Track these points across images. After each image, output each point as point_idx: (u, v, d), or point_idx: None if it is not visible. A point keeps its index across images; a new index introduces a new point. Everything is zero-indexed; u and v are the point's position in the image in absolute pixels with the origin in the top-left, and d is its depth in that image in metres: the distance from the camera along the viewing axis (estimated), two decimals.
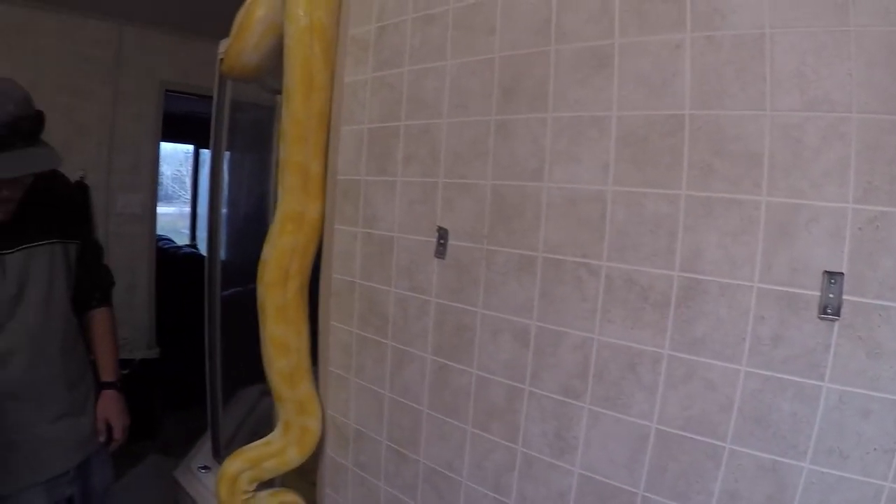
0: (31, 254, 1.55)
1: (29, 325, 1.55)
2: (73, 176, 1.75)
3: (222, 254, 2.35)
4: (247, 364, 2.40)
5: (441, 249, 1.09)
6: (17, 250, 1.51)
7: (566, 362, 0.93)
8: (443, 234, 1.09)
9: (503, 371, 1.02)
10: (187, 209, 6.59)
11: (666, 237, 0.85)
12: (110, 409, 1.80)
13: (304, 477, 1.95)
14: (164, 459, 3.55)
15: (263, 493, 1.50)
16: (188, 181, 6.77)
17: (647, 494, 0.90)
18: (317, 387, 1.47)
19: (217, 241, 2.29)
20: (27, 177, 1.46)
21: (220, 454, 2.41)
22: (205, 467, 2.44)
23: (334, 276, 1.38)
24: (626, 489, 0.91)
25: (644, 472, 0.90)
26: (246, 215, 2.36)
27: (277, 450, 1.46)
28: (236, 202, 2.34)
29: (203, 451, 2.56)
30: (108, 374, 1.83)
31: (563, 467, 0.97)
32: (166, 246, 4.83)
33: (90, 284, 1.78)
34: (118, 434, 1.80)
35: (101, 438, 1.78)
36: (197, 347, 3.23)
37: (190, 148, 6.37)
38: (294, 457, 1.45)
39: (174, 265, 4.36)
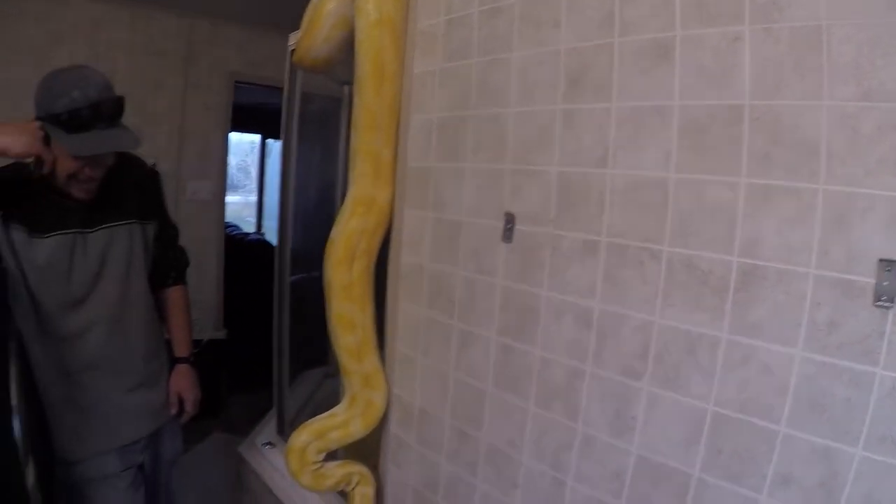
0: (112, 233, 1.68)
1: (108, 301, 1.68)
2: (146, 163, 1.88)
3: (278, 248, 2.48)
4: (310, 347, 2.53)
5: (508, 233, 1.17)
6: (99, 229, 1.64)
7: (627, 344, 1.00)
8: (510, 219, 1.17)
9: (566, 351, 1.09)
10: (252, 198, 6.80)
11: (725, 223, 0.90)
12: (183, 382, 1.94)
13: (365, 461, 2.06)
14: (228, 437, 3.73)
15: (332, 464, 1.61)
16: (253, 171, 6.97)
17: (702, 476, 0.94)
18: (382, 363, 1.56)
19: (287, 227, 2.43)
20: (109, 157, 1.59)
21: (284, 432, 2.54)
22: (269, 444, 2.58)
23: (403, 260, 1.47)
24: (681, 470, 0.96)
25: (699, 453, 0.94)
26: (312, 204, 2.48)
27: (342, 421, 1.57)
28: (303, 191, 2.46)
29: (267, 428, 2.69)
30: (181, 350, 1.97)
31: (621, 447, 1.03)
32: (234, 233, 5.05)
33: (167, 263, 1.91)
34: (190, 407, 1.94)
35: (174, 411, 1.91)
36: (262, 330, 3.40)
37: (255, 138, 6.57)
38: (358, 429, 1.56)
39: (242, 251, 4.59)
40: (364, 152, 1.48)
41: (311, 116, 2.39)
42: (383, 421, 1.63)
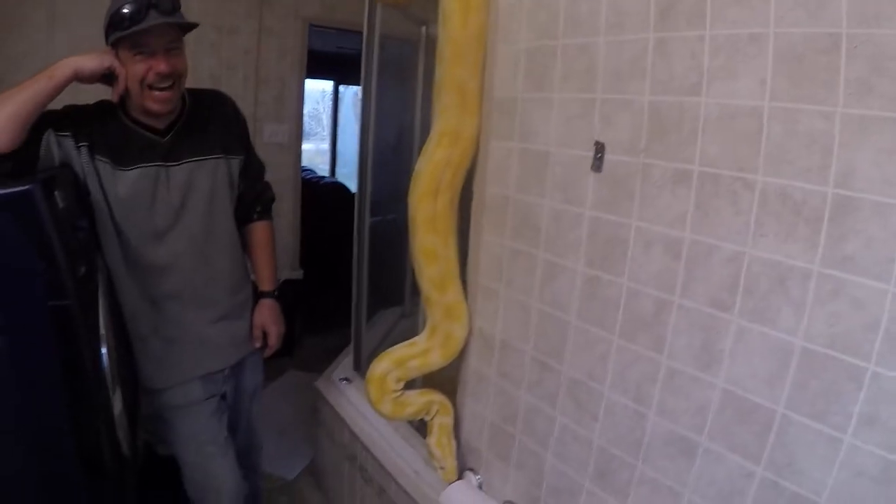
0: (196, 167, 1.75)
1: (192, 234, 1.77)
2: (230, 99, 1.95)
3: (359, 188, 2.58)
4: (385, 287, 2.63)
5: (597, 163, 1.20)
6: (183, 163, 1.72)
7: (717, 275, 1.02)
8: (600, 149, 1.20)
9: (653, 282, 1.13)
10: (324, 146, 6.93)
11: (820, 153, 0.91)
12: (267, 316, 2.03)
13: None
14: (302, 375, 3.91)
15: (412, 393, 1.70)
16: (325, 119, 7.07)
17: (786, 412, 0.96)
18: (465, 296, 1.63)
19: (367, 170, 2.52)
20: (179, 60, 1.65)
21: (361, 368, 2.66)
22: (346, 379, 2.70)
23: (488, 191, 1.52)
24: (765, 406, 0.98)
25: (785, 389, 0.96)
26: (388, 150, 2.55)
27: (421, 350, 1.65)
28: (380, 136, 2.53)
29: (343, 364, 2.82)
30: (266, 284, 2.06)
31: (706, 380, 1.06)
32: (309, 177, 5.21)
33: (252, 198, 1.99)
34: (273, 341, 2.04)
35: (257, 344, 2.02)
36: (337, 272, 3.52)
37: (327, 86, 6.66)
38: (437, 359, 1.64)
39: (317, 194, 4.74)
40: (449, 84, 1.52)
41: (388, 60, 2.45)
42: (462, 354, 1.70)
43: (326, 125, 7.13)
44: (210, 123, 1.82)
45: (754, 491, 1.01)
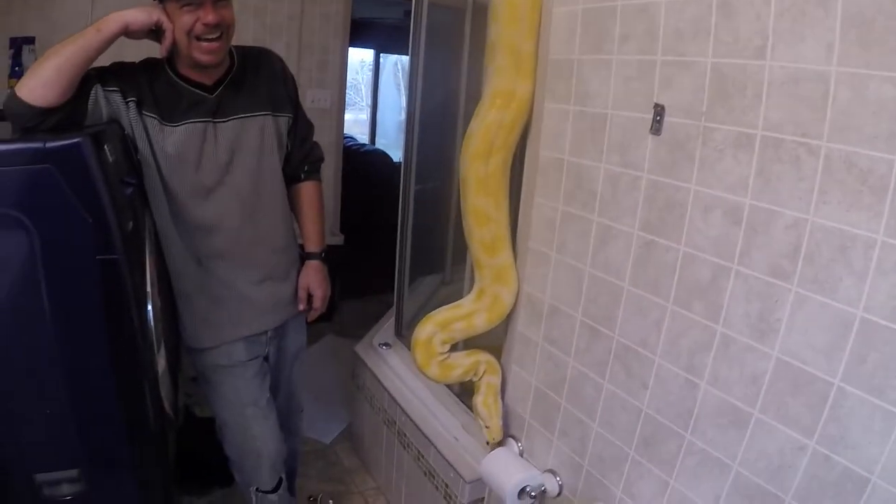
0: (244, 124, 1.79)
1: (239, 192, 1.81)
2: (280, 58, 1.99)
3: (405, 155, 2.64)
4: (426, 254, 2.68)
5: (657, 126, 1.22)
6: (230, 119, 1.76)
7: (777, 242, 1.04)
8: (659, 111, 1.22)
9: (711, 248, 1.15)
10: (362, 116, 7.02)
11: (889, 121, 0.91)
12: (313, 278, 2.07)
13: None
14: (341, 340, 4.00)
15: (458, 354, 1.75)
16: (364, 88, 7.16)
17: (842, 385, 0.98)
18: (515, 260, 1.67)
19: (413, 137, 2.58)
20: (226, 11, 1.67)
21: (402, 333, 2.72)
22: (386, 344, 2.77)
23: (542, 154, 1.55)
24: (822, 377, 1.00)
25: (843, 361, 0.98)
26: (433, 119, 2.58)
27: (467, 313, 1.71)
28: (425, 105, 2.57)
29: (383, 330, 2.88)
30: (312, 245, 2.10)
31: (762, 350, 1.08)
32: (350, 144, 5.31)
33: (300, 157, 2.02)
34: (318, 303, 2.08)
35: (302, 306, 2.06)
36: (376, 238, 3.59)
37: (366, 58, 6.75)
38: (482, 323, 1.70)
39: (358, 161, 4.84)
40: (503, 45, 1.55)
41: (434, 28, 2.48)
42: (509, 319, 1.74)
43: (365, 95, 7.20)
44: (259, 80, 1.86)
45: (805, 465, 1.04)
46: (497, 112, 1.56)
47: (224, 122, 1.77)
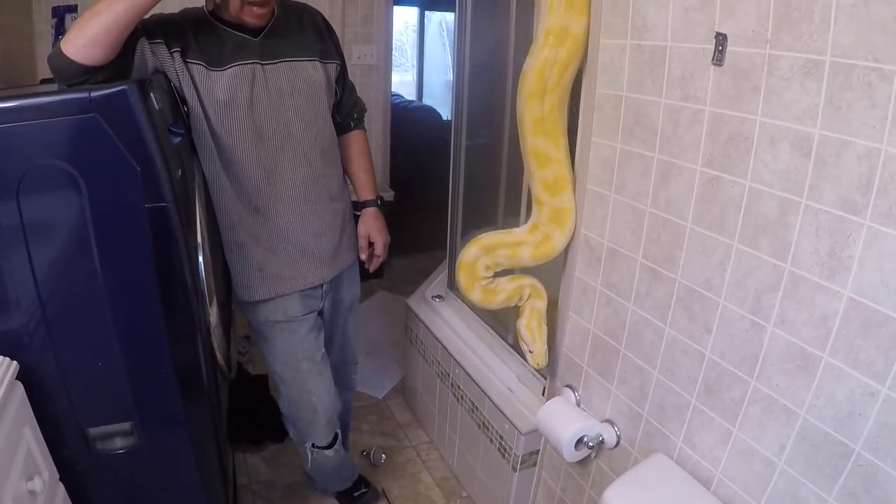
0: (293, 67, 1.83)
1: (293, 134, 1.85)
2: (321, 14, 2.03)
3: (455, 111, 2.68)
4: (476, 209, 2.72)
5: (719, 56, 1.21)
6: (280, 62, 1.80)
7: (848, 174, 1.03)
8: (721, 41, 1.21)
9: (779, 183, 1.14)
10: (408, 77, 7.12)
11: None
12: (372, 225, 2.14)
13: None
14: (392, 296, 4.07)
15: (502, 279, 1.81)
16: (408, 49, 7.23)
17: None
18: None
19: (463, 93, 2.64)
20: None
21: (454, 285, 2.76)
22: (439, 297, 2.81)
23: (598, 91, 1.55)
24: (895, 318, 0.99)
25: None
26: (480, 74, 2.60)
27: (515, 241, 1.75)
28: (471, 60, 2.59)
29: (436, 283, 2.93)
30: (367, 193, 2.16)
31: (832, 289, 1.08)
32: (398, 101, 5.38)
33: (350, 105, 2.08)
34: (380, 250, 2.15)
35: (364, 255, 2.13)
36: (426, 194, 3.63)
37: (410, 19, 6.77)
38: (526, 256, 1.73)
39: (406, 118, 4.92)
40: None
41: None
42: (566, 265, 1.76)
43: (410, 56, 7.28)
44: (303, 30, 1.90)
45: (876, 412, 1.03)
46: (550, 50, 1.55)
47: (272, 63, 1.81)
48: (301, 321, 2.04)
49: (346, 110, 2.10)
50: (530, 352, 1.80)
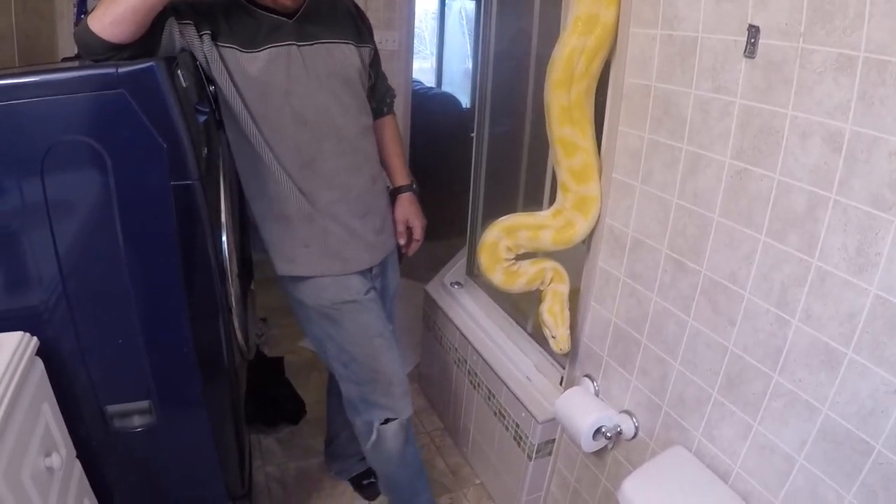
0: (329, 49, 1.82)
1: (333, 116, 1.84)
2: None
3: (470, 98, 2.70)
4: (497, 195, 2.73)
5: (751, 48, 1.22)
6: (316, 43, 1.80)
7: (879, 170, 1.03)
8: (753, 33, 1.21)
9: (808, 177, 1.15)
10: (427, 64, 7.18)
11: None
12: (409, 210, 2.17)
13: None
14: (410, 283, 4.09)
15: (524, 262, 1.84)
16: (427, 37, 7.29)
17: None
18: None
19: (488, 80, 2.66)
20: None
21: (474, 272, 2.79)
22: (457, 283, 2.83)
23: (627, 81, 1.56)
24: None
25: None
26: (500, 62, 2.61)
27: (536, 224, 1.77)
28: (495, 48, 2.60)
29: (455, 269, 2.95)
30: (401, 178, 2.21)
31: (859, 286, 1.09)
32: (418, 87, 5.43)
33: (383, 91, 2.13)
34: (419, 234, 2.18)
35: (402, 240, 2.15)
36: (445, 181, 3.65)
37: (429, 7, 6.82)
38: (547, 240, 1.75)
39: (426, 105, 5.02)
40: None
41: None
42: (589, 253, 1.78)
43: (429, 43, 7.32)
44: (336, 14, 1.89)
45: None
46: (578, 37, 1.56)
47: (309, 45, 1.80)
48: (366, 298, 2.02)
49: (379, 95, 2.10)
50: (553, 337, 1.82)
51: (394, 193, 2.18)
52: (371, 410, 2.10)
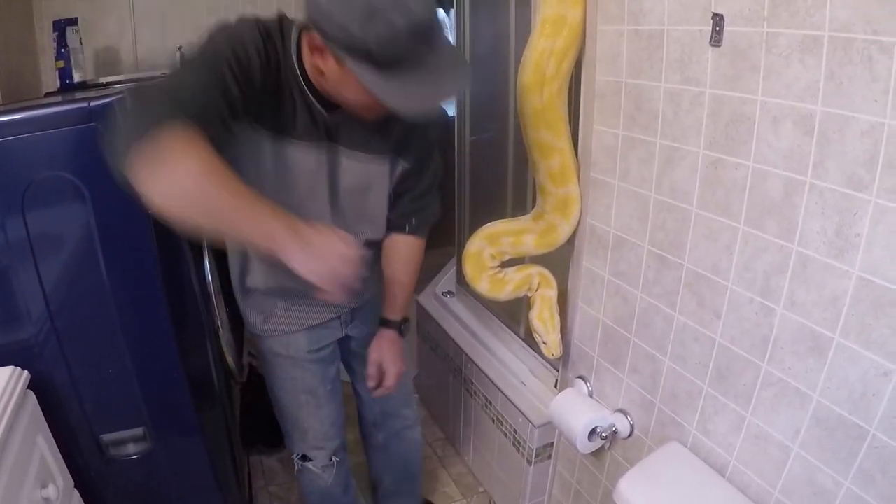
0: (360, 162, 1.57)
1: (336, 216, 1.61)
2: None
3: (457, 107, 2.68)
4: (485, 202, 2.71)
5: (717, 37, 1.19)
6: (342, 149, 1.54)
7: (852, 150, 1.01)
8: (718, 21, 1.19)
9: (783, 162, 1.12)
10: None
11: None
12: (387, 351, 1.84)
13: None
14: None
15: (510, 269, 1.81)
16: None
17: None
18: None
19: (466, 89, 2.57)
20: None
21: (464, 282, 2.75)
22: (449, 292, 2.80)
23: (598, 78, 1.54)
24: None
25: None
26: (482, 68, 2.59)
27: (518, 229, 1.75)
28: (473, 55, 2.59)
29: (446, 279, 2.92)
30: (394, 312, 1.85)
31: (840, 268, 1.06)
32: None
33: (412, 210, 1.76)
34: (392, 381, 1.85)
35: (371, 383, 1.86)
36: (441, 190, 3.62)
37: None
38: (530, 244, 1.73)
39: None
40: None
41: None
42: (574, 255, 1.75)
43: None
44: (391, 117, 1.44)
45: (890, 392, 1.02)
46: (547, 39, 1.55)
47: (335, 147, 1.53)
48: (311, 358, 1.83)
49: (404, 211, 1.75)
50: (544, 343, 1.79)
51: (379, 324, 1.86)
52: (293, 443, 1.99)
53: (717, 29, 1.19)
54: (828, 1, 1.00)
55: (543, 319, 1.78)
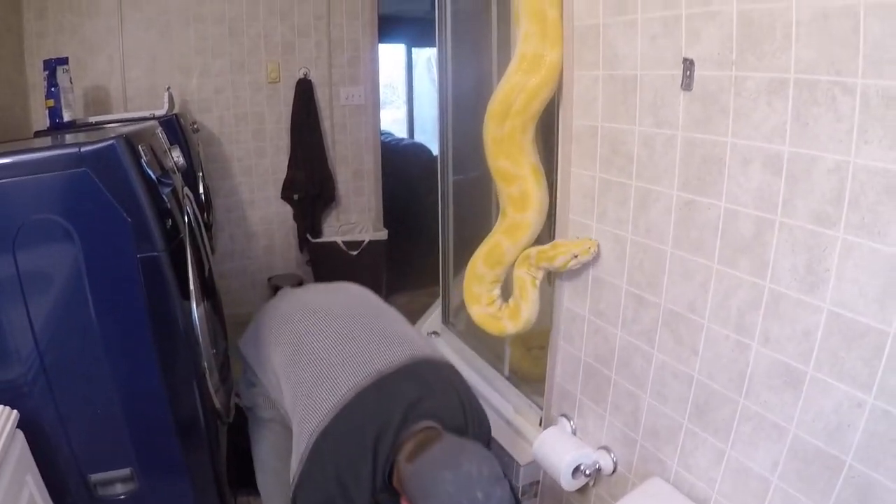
0: None
1: None
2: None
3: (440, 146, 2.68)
4: (470, 243, 2.72)
5: (688, 81, 1.22)
6: None
7: (820, 188, 1.02)
8: (689, 66, 1.21)
9: (753, 202, 1.14)
10: (400, 114, 7.26)
11: None
12: None
13: (525, 343, 2.21)
14: None
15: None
16: (399, 87, 7.40)
17: None
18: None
19: (448, 128, 2.64)
20: None
21: (449, 321, 2.74)
22: (434, 333, 2.79)
23: (575, 122, 1.55)
24: (875, 327, 0.98)
25: None
26: (466, 108, 2.62)
27: (490, 237, 1.81)
28: (457, 94, 2.61)
29: (431, 319, 2.90)
30: None
31: (812, 303, 1.07)
32: (389, 139, 5.46)
33: None
34: None
35: None
36: (421, 231, 3.62)
37: (398, 54, 6.95)
38: (510, 246, 1.76)
39: (397, 156, 5.01)
40: (529, 12, 1.55)
41: (461, 14, 2.53)
42: (555, 295, 1.75)
43: (402, 93, 7.40)
44: None
45: (864, 423, 1.02)
46: (522, 75, 1.57)
47: None
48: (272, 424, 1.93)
49: None
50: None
51: None
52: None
53: (688, 73, 1.21)
54: (793, 42, 1.02)
55: (523, 283, 1.74)
